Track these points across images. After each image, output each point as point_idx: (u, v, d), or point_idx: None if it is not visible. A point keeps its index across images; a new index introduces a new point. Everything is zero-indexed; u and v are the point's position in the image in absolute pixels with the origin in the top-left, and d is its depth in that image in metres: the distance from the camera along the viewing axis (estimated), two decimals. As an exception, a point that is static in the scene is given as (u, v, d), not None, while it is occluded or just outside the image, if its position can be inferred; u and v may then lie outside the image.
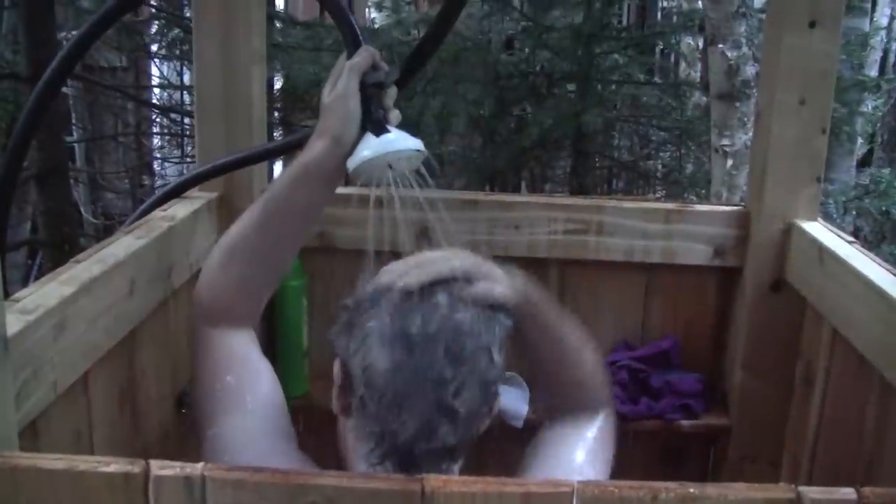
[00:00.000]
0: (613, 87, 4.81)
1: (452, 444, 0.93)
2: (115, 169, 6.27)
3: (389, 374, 0.92)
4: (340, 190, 1.29)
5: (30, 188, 3.67)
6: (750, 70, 3.21)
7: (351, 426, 1.00)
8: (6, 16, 4.41)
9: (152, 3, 4.80)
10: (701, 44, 5.33)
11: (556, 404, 1.19)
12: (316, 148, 1.18)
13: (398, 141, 1.18)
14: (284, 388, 1.25)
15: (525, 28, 4.62)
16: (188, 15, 4.43)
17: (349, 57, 1.24)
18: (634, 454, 1.88)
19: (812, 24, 1.59)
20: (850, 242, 1.54)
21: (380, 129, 1.18)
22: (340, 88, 1.19)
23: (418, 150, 1.18)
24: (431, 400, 0.91)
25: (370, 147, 1.17)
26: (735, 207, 1.83)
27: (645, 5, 6.19)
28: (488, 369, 0.94)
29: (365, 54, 1.22)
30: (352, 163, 1.18)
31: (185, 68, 5.89)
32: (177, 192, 1.65)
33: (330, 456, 1.04)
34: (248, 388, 1.15)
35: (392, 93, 1.23)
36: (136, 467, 0.81)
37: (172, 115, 6.09)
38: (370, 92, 1.20)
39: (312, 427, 1.48)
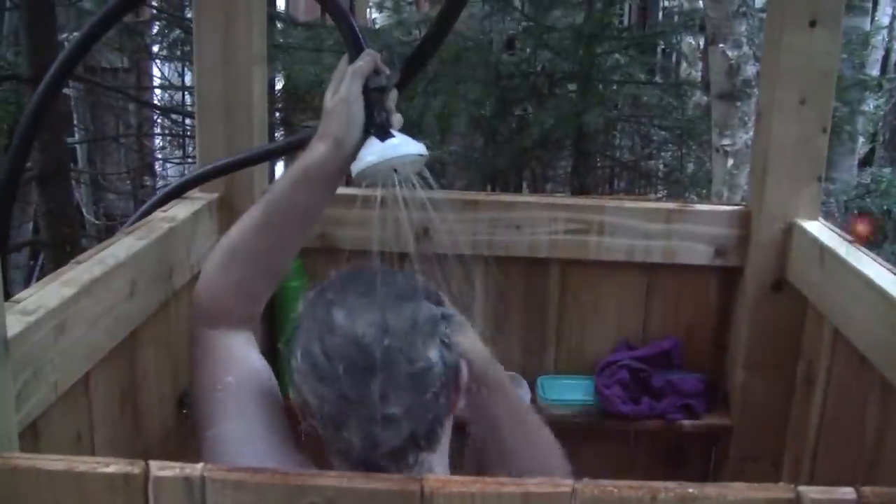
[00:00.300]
0: (614, 86, 4.81)
1: (402, 442, 0.95)
2: (117, 170, 6.29)
3: (317, 406, 0.97)
4: (342, 190, 1.29)
5: (31, 189, 3.68)
6: (750, 69, 3.20)
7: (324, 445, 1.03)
8: (7, 17, 4.42)
9: (153, 4, 4.80)
10: (702, 43, 5.33)
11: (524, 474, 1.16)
12: (318, 151, 1.18)
13: (403, 145, 1.19)
14: (285, 387, 1.25)
15: (526, 28, 4.62)
16: (189, 16, 4.43)
17: (351, 60, 1.24)
18: (636, 454, 1.88)
19: (813, 24, 1.59)
20: (850, 242, 1.53)
21: (384, 134, 1.19)
22: (343, 92, 1.19)
23: (422, 155, 1.19)
24: (361, 417, 0.94)
25: (375, 152, 1.17)
26: (736, 207, 1.83)
27: (646, 5, 6.19)
28: (412, 361, 0.95)
29: (368, 58, 1.22)
30: (356, 167, 1.18)
31: (186, 69, 5.89)
32: (178, 192, 1.65)
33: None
34: (247, 390, 1.16)
35: (393, 96, 1.24)
36: (135, 468, 0.81)
37: (173, 116, 6.10)
38: (373, 96, 1.21)
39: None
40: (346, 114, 1.18)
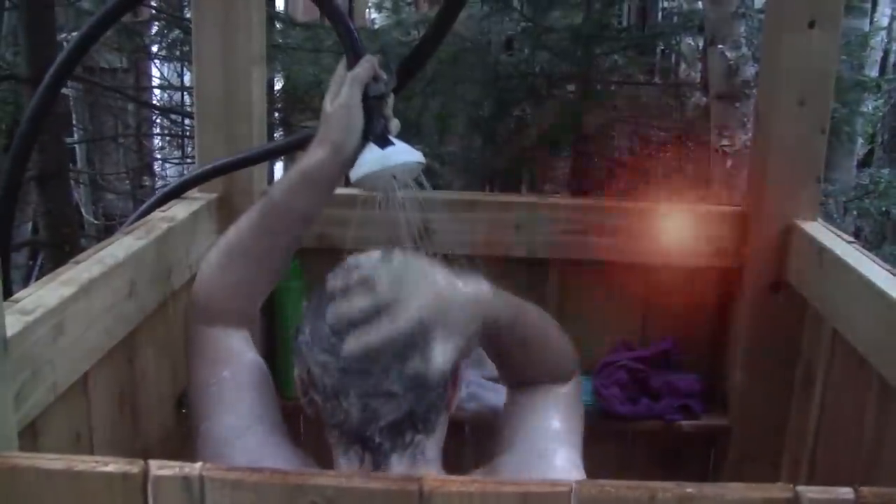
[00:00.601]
0: (613, 87, 4.80)
1: (400, 416, 0.98)
2: (116, 170, 6.27)
3: (319, 375, 1.00)
4: (342, 191, 1.29)
5: (30, 189, 3.67)
6: (750, 70, 3.20)
7: (324, 423, 1.04)
8: (6, 17, 4.41)
9: (152, 4, 4.80)
10: (701, 44, 5.32)
11: (527, 379, 1.20)
12: (316, 155, 1.20)
13: (401, 154, 1.20)
14: (284, 388, 1.26)
15: (525, 29, 4.61)
16: (188, 16, 4.43)
17: (350, 65, 1.25)
18: (634, 454, 1.88)
19: (811, 25, 1.59)
20: (849, 243, 1.54)
21: (384, 142, 1.20)
22: (343, 98, 1.20)
23: (420, 162, 1.21)
24: (361, 389, 0.98)
25: (375, 159, 1.19)
26: (735, 208, 1.83)
27: (645, 6, 6.18)
28: (415, 345, 0.97)
29: (367, 65, 1.23)
30: (356, 174, 1.20)
31: (185, 69, 5.89)
32: (177, 192, 1.66)
33: (330, 455, 1.04)
34: (242, 384, 1.16)
35: (391, 101, 1.24)
36: (134, 467, 0.81)
37: (173, 116, 6.09)
38: (372, 103, 1.22)
39: (312, 426, 1.48)
40: (346, 120, 1.19)
